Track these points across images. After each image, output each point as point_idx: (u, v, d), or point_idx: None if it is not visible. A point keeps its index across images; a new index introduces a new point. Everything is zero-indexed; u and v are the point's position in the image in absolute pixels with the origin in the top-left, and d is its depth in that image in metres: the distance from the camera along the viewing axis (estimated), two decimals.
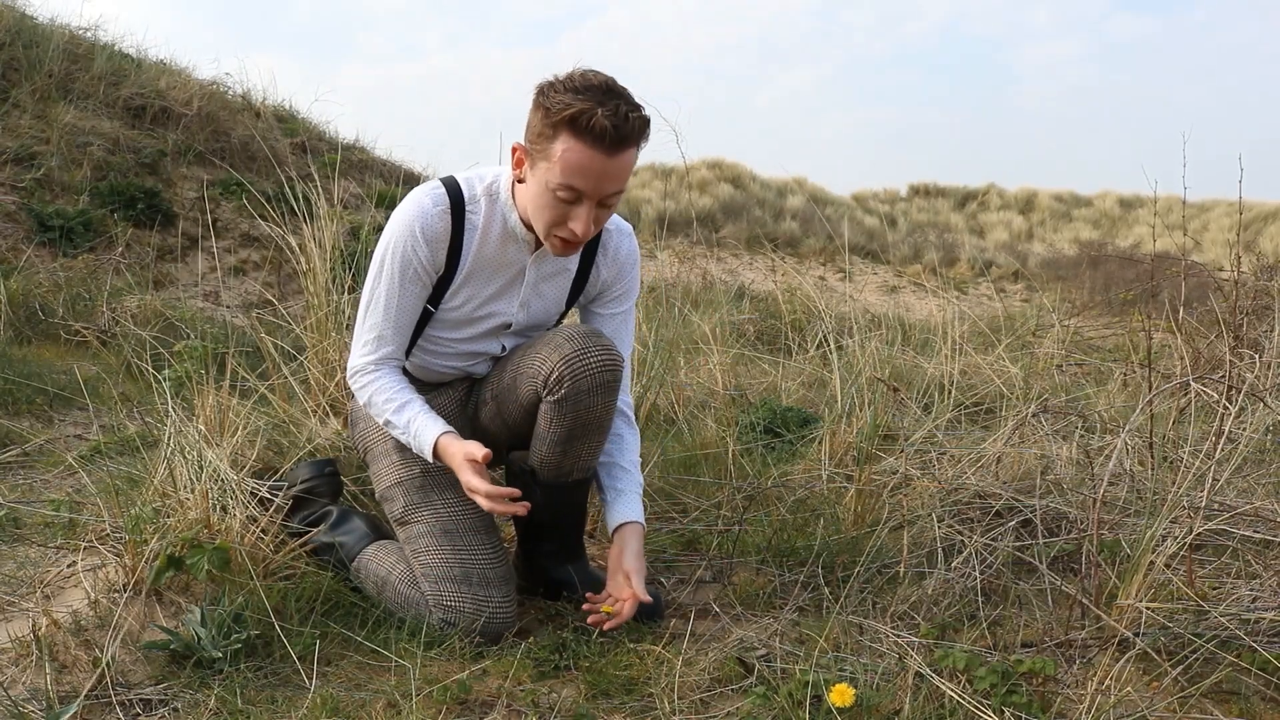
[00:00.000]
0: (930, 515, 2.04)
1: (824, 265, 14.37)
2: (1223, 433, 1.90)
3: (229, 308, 4.78)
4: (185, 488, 1.84)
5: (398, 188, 6.52)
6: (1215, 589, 1.75)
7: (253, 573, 1.72)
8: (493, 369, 1.93)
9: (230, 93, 6.88)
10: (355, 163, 7.11)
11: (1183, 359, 2.85)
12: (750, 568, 2.08)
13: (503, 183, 1.78)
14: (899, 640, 1.63)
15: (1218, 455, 1.84)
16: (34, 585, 1.81)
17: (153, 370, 2.54)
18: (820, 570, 2.00)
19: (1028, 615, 1.80)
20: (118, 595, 1.67)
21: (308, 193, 2.85)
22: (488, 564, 1.77)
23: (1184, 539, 1.69)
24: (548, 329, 1.92)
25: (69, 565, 1.86)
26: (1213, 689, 1.52)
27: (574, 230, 1.63)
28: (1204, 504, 1.74)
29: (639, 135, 1.61)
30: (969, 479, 2.22)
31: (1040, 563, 1.87)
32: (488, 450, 1.67)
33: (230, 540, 1.74)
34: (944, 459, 2.42)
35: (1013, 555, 1.95)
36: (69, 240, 4.79)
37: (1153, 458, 2.26)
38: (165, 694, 1.50)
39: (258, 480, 1.96)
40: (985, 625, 1.72)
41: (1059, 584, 1.83)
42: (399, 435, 1.81)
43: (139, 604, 1.68)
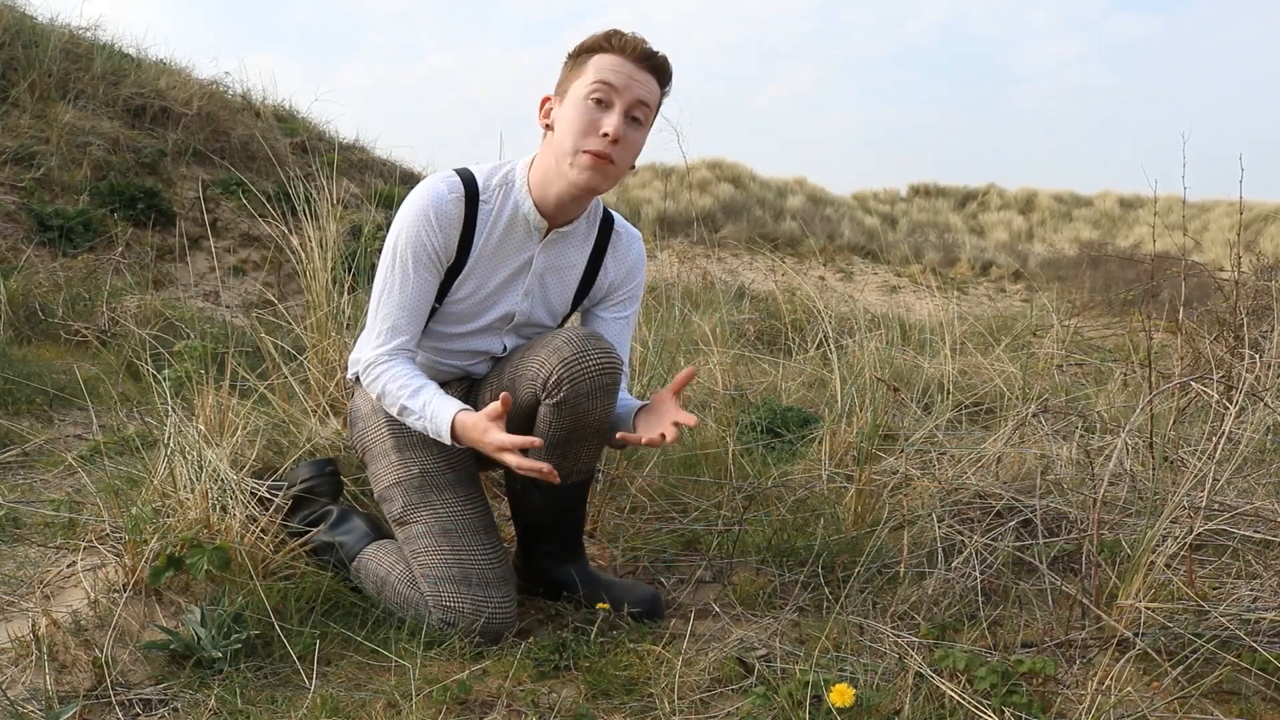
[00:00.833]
0: (930, 515, 2.04)
1: (824, 265, 14.37)
2: (1223, 433, 1.90)
3: (229, 308, 4.78)
4: (185, 488, 1.84)
5: (397, 187, 6.52)
6: (1215, 589, 1.75)
7: (253, 573, 1.71)
8: (492, 370, 1.93)
9: (230, 92, 6.88)
10: (355, 162, 7.11)
11: (1182, 359, 2.85)
12: (750, 568, 2.08)
13: (518, 171, 1.81)
14: (899, 640, 1.63)
15: (1218, 455, 1.84)
16: (34, 585, 1.80)
17: (152, 370, 2.54)
18: (820, 570, 2.00)
19: (1028, 615, 1.80)
20: (117, 595, 1.67)
21: (308, 192, 2.85)
22: (487, 564, 1.77)
23: (1184, 539, 1.69)
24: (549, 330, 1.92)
25: (69, 565, 1.86)
26: (1213, 689, 1.52)
27: (605, 131, 1.69)
28: (1204, 504, 1.74)
29: (664, 67, 1.75)
30: (969, 479, 2.22)
31: (1040, 563, 1.87)
32: (505, 394, 1.62)
33: (230, 540, 1.74)
34: (944, 459, 2.42)
35: (1013, 555, 1.95)
36: (69, 240, 4.79)
37: (1153, 458, 2.26)
38: (165, 694, 1.50)
39: (258, 480, 1.96)
40: (985, 625, 1.72)
41: (1059, 584, 1.83)
42: (414, 422, 1.76)
43: (139, 604, 1.68)
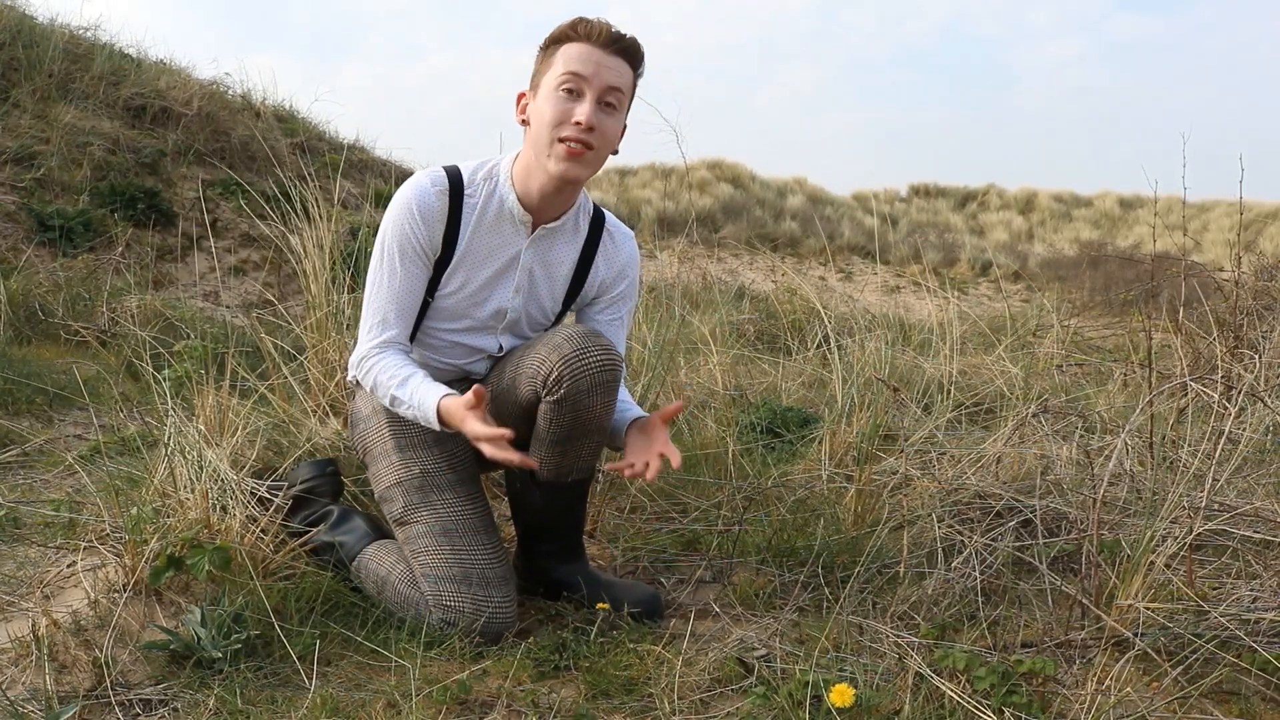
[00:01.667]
0: (930, 515, 2.04)
1: (824, 265, 14.37)
2: (1222, 433, 1.90)
3: (229, 308, 4.78)
4: (185, 488, 1.84)
5: (397, 187, 6.52)
6: (1215, 589, 1.75)
7: (253, 573, 1.71)
8: (491, 369, 1.93)
9: (230, 93, 6.88)
10: (355, 163, 7.11)
11: (1182, 359, 2.85)
12: (750, 568, 2.08)
13: (502, 166, 1.83)
14: (899, 640, 1.63)
15: (1218, 455, 1.84)
16: (34, 585, 1.80)
17: (153, 370, 2.53)
18: (820, 570, 2.00)
19: (1028, 615, 1.80)
20: (117, 595, 1.67)
21: (307, 193, 2.85)
22: (487, 564, 1.77)
23: (1184, 539, 1.69)
24: (545, 330, 1.92)
25: (69, 565, 1.86)
26: (1213, 689, 1.52)
27: (578, 120, 1.69)
28: (1204, 504, 1.74)
29: (634, 49, 1.73)
30: (969, 479, 2.22)
31: (1040, 563, 1.87)
32: (480, 386, 1.63)
33: (230, 540, 1.74)
34: (944, 459, 2.42)
35: (1013, 555, 1.95)
36: (69, 240, 4.79)
37: (1153, 458, 2.26)
38: (165, 694, 1.50)
39: (258, 480, 1.96)
40: (985, 625, 1.72)
41: (1059, 584, 1.83)
42: (405, 411, 1.77)
43: (139, 604, 1.68)
